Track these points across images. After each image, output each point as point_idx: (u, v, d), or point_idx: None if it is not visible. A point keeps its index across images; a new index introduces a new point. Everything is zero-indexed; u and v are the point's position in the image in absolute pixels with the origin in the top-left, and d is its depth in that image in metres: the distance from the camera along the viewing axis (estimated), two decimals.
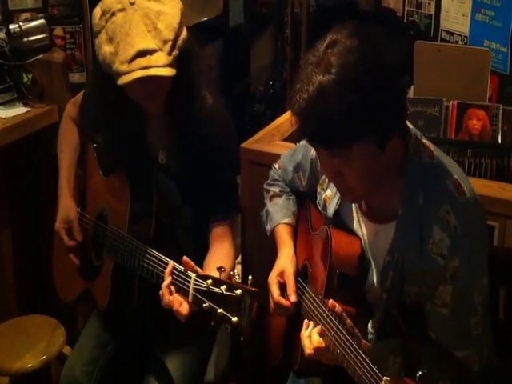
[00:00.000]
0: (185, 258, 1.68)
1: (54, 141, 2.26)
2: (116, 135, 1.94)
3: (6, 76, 2.63)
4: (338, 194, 1.66)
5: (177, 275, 1.69)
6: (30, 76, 2.66)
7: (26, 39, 2.63)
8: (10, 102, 2.65)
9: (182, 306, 1.65)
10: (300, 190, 1.92)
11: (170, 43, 1.72)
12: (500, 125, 2.32)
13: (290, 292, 1.72)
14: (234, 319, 1.51)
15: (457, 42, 3.15)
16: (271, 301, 1.75)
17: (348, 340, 1.44)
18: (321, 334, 1.53)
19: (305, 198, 1.92)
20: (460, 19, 3.13)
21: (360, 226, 1.64)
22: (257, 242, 2.30)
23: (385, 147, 1.41)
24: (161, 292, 1.70)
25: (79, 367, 2.04)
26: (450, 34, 3.20)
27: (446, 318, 1.51)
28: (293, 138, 2.37)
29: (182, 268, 1.69)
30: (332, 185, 1.69)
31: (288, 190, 1.96)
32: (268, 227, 1.93)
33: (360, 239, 1.64)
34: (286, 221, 1.90)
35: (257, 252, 2.31)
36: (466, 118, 2.36)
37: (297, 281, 1.77)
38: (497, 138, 2.32)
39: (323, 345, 1.51)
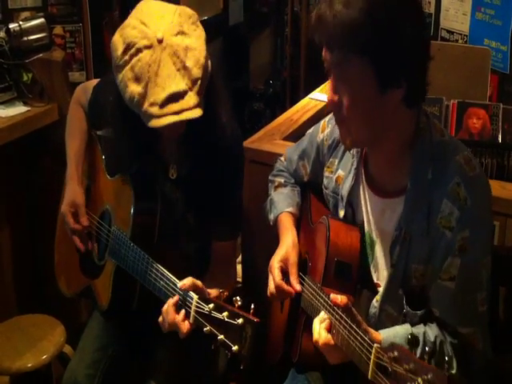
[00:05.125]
0: (191, 279, 1.68)
1: (53, 139, 2.26)
2: (127, 139, 1.90)
3: (5, 75, 2.63)
4: (352, 170, 1.67)
5: (180, 294, 1.69)
6: (29, 75, 2.66)
7: (25, 38, 2.63)
8: (9, 101, 2.65)
9: (184, 323, 1.65)
10: (304, 180, 1.93)
11: (199, 82, 1.69)
12: (500, 124, 2.32)
13: (293, 281, 1.72)
14: (235, 348, 1.50)
15: (457, 41, 3.15)
16: (271, 284, 1.75)
17: (343, 318, 1.43)
18: (329, 330, 1.50)
19: (306, 190, 1.93)
20: (460, 18, 3.13)
21: (366, 201, 1.65)
22: (257, 242, 2.30)
23: (385, 91, 1.43)
24: (165, 309, 1.69)
25: (81, 371, 2.03)
26: (450, 32, 3.20)
27: (453, 292, 1.51)
28: (293, 137, 2.37)
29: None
30: (343, 165, 1.71)
31: (293, 181, 1.97)
32: (271, 216, 1.93)
33: (359, 228, 1.66)
34: (289, 210, 1.90)
35: (257, 251, 2.31)
36: (466, 117, 2.36)
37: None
38: (497, 137, 2.32)
39: (332, 342, 1.47)
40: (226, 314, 1.53)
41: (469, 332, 1.54)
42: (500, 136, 2.32)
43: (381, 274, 1.64)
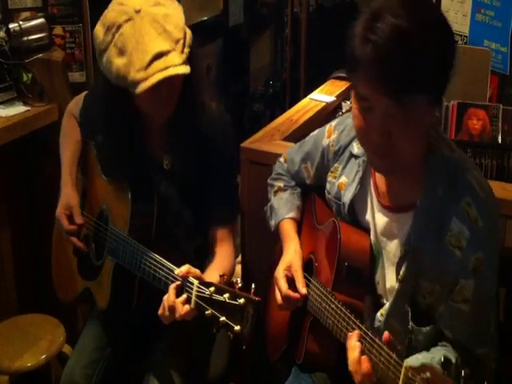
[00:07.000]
0: (188, 265, 1.69)
1: (53, 140, 2.27)
2: (119, 143, 1.93)
3: (5, 75, 2.64)
4: (356, 179, 1.65)
5: (180, 281, 1.69)
6: (29, 75, 2.66)
7: (25, 38, 2.63)
8: (9, 100, 2.65)
9: (183, 306, 1.65)
10: (306, 182, 1.91)
11: (181, 42, 1.73)
12: (500, 125, 2.32)
13: (299, 285, 1.71)
14: (237, 328, 1.51)
15: (457, 42, 3.14)
16: (279, 295, 1.74)
17: (363, 329, 1.43)
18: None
19: (309, 191, 1.91)
20: (460, 19, 3.13)
21: (373, 214, 1.62)
22: (256, 242, 2.30)
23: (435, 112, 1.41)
24: (166, 296, 1.69)
25: (79, 370, 2.03)
26: None
27: (467, 314, 1.49)
28: (293, 138, 2.37)
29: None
30: (347, 172, 1.69)
31: (293, 183, 1.95)
32: (272, 222, 1.93)
33: (369, 233, 1.63)
34: (290, 215, 1.90)
35: (256, 252, 2.31)
36: (466, 118, 2.36)
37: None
38: (497, 137, 2.33)
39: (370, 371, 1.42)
40: (227, 295, 1.54)
41: (483, 352, 1.53)
42: (500, 137, 2.32)
43: (384, 286, 1.62)
